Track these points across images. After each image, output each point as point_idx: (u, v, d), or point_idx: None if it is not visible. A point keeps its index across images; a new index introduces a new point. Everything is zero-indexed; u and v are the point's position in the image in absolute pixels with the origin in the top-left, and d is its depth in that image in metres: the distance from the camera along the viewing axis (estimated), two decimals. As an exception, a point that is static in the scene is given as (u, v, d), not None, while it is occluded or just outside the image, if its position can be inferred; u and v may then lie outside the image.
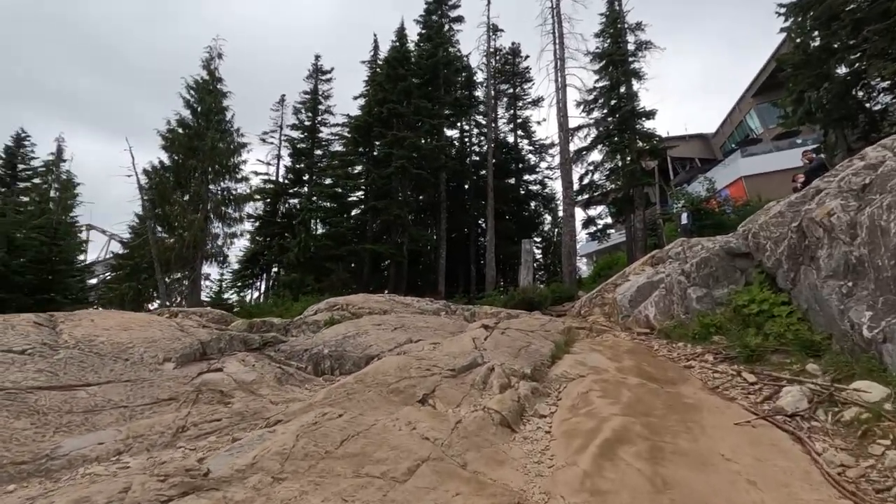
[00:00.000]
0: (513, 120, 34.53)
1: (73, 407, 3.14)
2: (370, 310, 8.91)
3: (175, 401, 3.59)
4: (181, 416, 3.25)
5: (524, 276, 17.59)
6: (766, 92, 39.19)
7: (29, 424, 2.81)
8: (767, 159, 32.73)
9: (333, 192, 22.44)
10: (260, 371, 4.78)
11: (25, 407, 2.97)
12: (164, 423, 3.10)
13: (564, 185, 21.97)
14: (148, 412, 3.32)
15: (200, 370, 4.45)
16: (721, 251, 9.16)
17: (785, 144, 34.07)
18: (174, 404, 3.53)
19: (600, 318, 14.03)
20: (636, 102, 22.66)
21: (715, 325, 8.85)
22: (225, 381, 4.23)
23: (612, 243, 35.71)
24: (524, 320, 9.09)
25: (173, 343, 4.69)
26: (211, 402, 3.70)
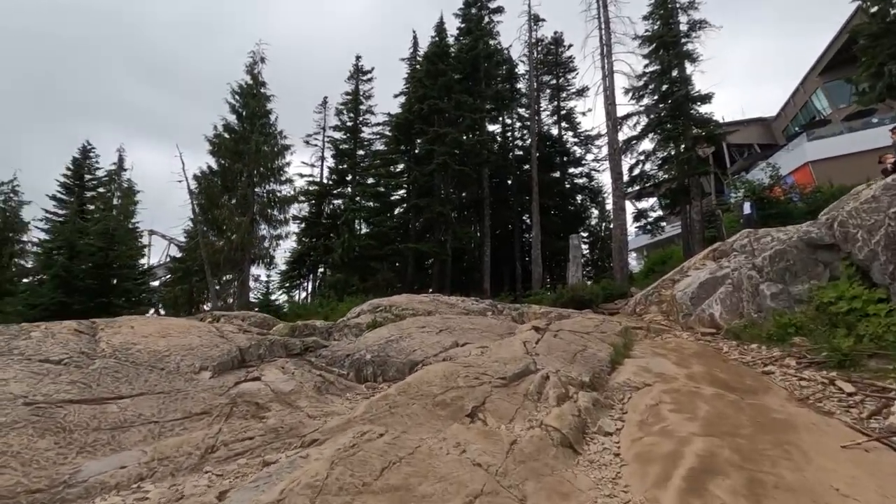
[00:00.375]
0: (556, 112, 33.42)
1: (102, 423, 2.97)
2: (414, 311, 8.60)
3: (208, 415, 3.38)
4: (212, 433, 3.02)
5: (573, 273, 16.83)
6: (834, 69, 36.24)
7: (53, 444, 2.65)
8: (838, 142, 30.23)
9: (376, 192, 22.43)
10: (299, 380, 4.53)
11: (52, 423, 2.82)
12: (193, 442, 2.87)
13: (613, 177, 20.89)
14: (178, 428, 3.11)
15: (238, 379, 4.25)
16: (799, 243, 8.21)
17: (858, 125, 31.36)
18: (206, 419, 3.31)
19: (658, 317, 13.13)
20: (690, 86, 21.20)
21: (794, 325, 7.93)
22: (262, 392, 4.00)
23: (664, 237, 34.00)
24: (577, 321, 8.51)
25: (211, 350, 4.54)
26: (245, 417, 3.46)
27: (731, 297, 10.06)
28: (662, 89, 22.41)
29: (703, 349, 8.14)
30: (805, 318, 7.74)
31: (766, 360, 7.12)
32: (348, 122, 26.08)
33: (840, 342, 6.67)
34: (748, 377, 6.17)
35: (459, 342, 6.58)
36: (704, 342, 9.05)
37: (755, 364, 7.04)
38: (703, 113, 20.95)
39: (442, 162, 18.82)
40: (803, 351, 7.05)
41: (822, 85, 37.37)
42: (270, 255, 22.48)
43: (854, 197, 7.64)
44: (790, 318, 7.94)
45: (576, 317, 9.57)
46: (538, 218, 21.83)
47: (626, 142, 22.81)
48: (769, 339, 8.01)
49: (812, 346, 7.26)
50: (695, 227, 19.97)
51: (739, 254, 12.87)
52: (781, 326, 7.95)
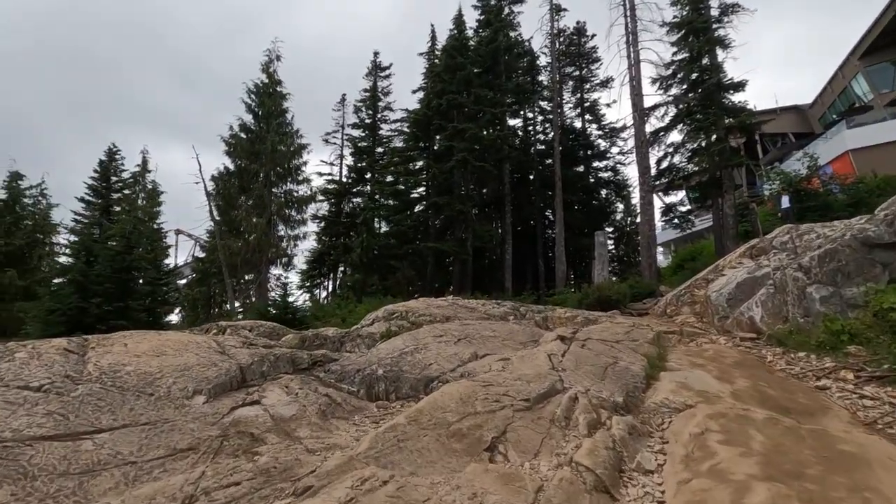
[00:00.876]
0: (580, 104, 32.44)
1: (71, 466, 2.64)
2: (431, 317, 8.19)
3: (194, 451, 3.03)
4: (194, 477, 2.66)
5: (598, 271, 16.15)
6: (877, 52, 34.36)
7: (9, 496, 2.32)
8: (881, 128, 28.64)
9: (394, 190, 22.07)
10: (303, 402, 4.17)
11: (15, 468, 2.50)
12: (170, 491, 2.51)
13: (641, 171, 20.01)
14: (158, 470, 2.77)
15: (235, 403, 3.90)
16: (853, 241, 7.46)
17: (905, 110, 29.62)
18: (191, 457, 2.97)
19: (690, 319, 12.40)
20: (721, 74, 20.11)
21: (848, 333, 7.22)
22: (259, 420, 3.64)
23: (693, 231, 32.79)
24: (605, 327, 7.95)
25: (208, 370, 4.21)
26: (235, 454, 3.10)
27: (773, 299, 9.33)
28: (692, 78, 21.35)
29: (745, 357, 7.50)
30: (861, 325, 7.02)
31: (818, 371, 6.46)
32: (367, 120, 25.79)
33: (907, 354, 5.98)
34: (801, 393, 5.55)
35: (479, 353, 6.14)
36: (745, 349, 8.38)
37: (806, 376, 6.39)
38: (736, 101, 19.87)
39: (461, 158, 18.29)
40: (861, 362, 6.36)
41: (863, 69, 35.52)
42: (289, 255, 22.40)
43: (919, 190, 6.87)
44: (843, 325, 7.23)
45: (603, 321, 8.99)
46: (562, 214, 21.11)
47: (653, 133, 21.87)
48: (819, 347, 7.32)
49: (871, 356, 6.56)
50: (728, 221, 18.98)
51: (780, 251, 12.02)
52: (833, 333, 7.24)
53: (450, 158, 19.14)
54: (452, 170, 19.47)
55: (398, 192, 21.38)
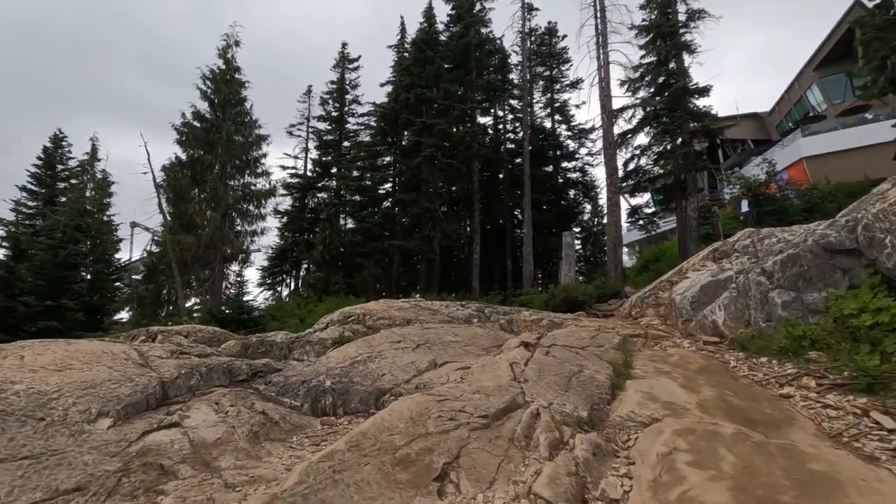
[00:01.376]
0: (550, 104, 32.59)
1: None
2: (391, 320, 7.76)
3: (82, 492, 2.52)
4: (69, 533, 2.17)
5: (565, 272, 16.07)
6: (830, 63, 35.84)
7: None
8: (833, 138, 29.84)
9: (360, 185, 21.31)
10: (233, 421, 3.68)
11: None
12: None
13: (608, 172, 20.11)
14: (25, 524, 2.27)
15: (149, 426, 3.38)
16: (815, 247, 7.47)
17: (853, 121, 31.05)
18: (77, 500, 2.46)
19: (654, 321, 12.40)
20: (687, 79, 20.42)
21: (809, 338, 7.22)
22: (174, 447, 3.15)
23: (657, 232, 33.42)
24: (571, 331, 7.72)
25: (120, 387, 3.66)
26: (134, 494, 2.60)
27: (735, 302, 9.34)
28: (659, 81, 21.61)
29: (709, 363, 7.41)
30: (822, 331, 7.01)
31: (780, 378, 6.39)
32: (333, 113, 24.97)
33: (865, 360, 5.96)
34: (766, 402, 5.42)
35: (438, 361, 5.76)
36: (708, 353, 8.32)
37: (769, 383, 6.31)
38: (701, 106, 20.22)
39: (429, 154, 17.86)
40: (822, 369, 6.32)
41: (818, 80, 36.95)
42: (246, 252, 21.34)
43: (880, 197, 6.90)
44: (804, 330, 7.21)
45: (569, 325, 8.78)
46: (530, 213, 21.02)
47: (621, 135, 22.04)
48: (781, 352, 7.29)
49: (832, 363, 6.55)
50: (691, 223, 19.30)
51: (742, 255, 12.16)
52: (795, 339, 7.22)
53: (417, 154, 18.68)
54: (420, 166, 19.01)
55: (364, 188, 20.72)
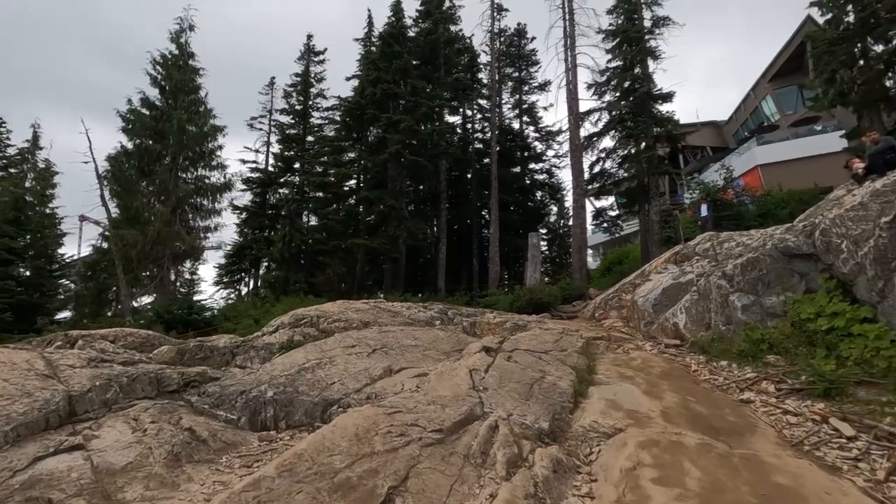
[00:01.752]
0: (518, 105, 32.63)
1: None
2: (347, 323, 7.35)
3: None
4: None
5: (531, 273, 15.99)
6: (784, 76, 37.42)
7: None
8: (785, 147, 31.12)
9: (322, 181, 20.64)
10: (150, 441, 3.23)
11: None
12: None
13: (574, 174, 20.23)
14: None
15: (44, 450, 2.89)
16: (774, 251, 7.53)
17: (804, 131, 32.45)
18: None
19: (618, 323, 12.45)
20: (652, 84, 20.80)
21: (768, 342, 7.27)
22: (71, 475, 2.69)
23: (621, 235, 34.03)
24: (535, 334, 7.51)
25: (14, 404, 3.14)
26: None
27: (696, 305, 9.39)
28: (625, 86, 21.92)
29: (671, 367, 7.36)
30: (779, 335, 7.06)
31: (741, 383, 6.37)
32: (297, 106, 24.07)
33: (821, 364, 5.99)
34: (727, 409, 5.34)
35: (394, 368, 5.41)
36: (670, 356, 8.30)
37: (730, 388, 6.27)
38: (664, 112, 20.59)
39: (395, 151, 17.39)
40: (780, 373, 6.34)
41: (772, 91, 38.44)
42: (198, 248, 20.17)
43: (836, 203, 7.00)
44: (763, 334, 7.25)
45: (533, 328, 8.58)
46: (497, 214, 20.88)
47: (587, 138, 22.23)
48: (740, 356, 7.31)
49: (789, 367, 6.58)
50: (653, 227, 19.62)
51: (702, 258, 12.34)
52: (753, 342, 7.26)
53: (383, 151, 18.19)
54: (386, 163, 18.52)
55: (327, 184, 19.98)
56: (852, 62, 20.70)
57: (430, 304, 10.45)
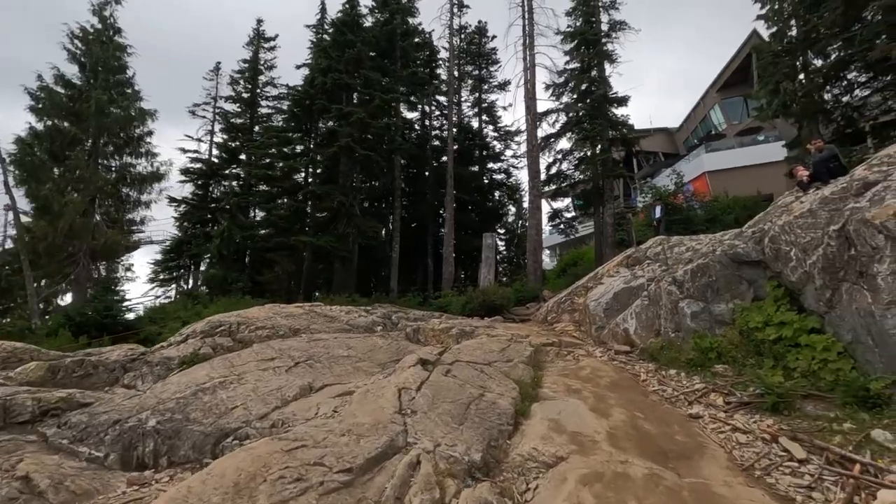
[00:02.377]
0: (477, 104, 32.35)
1: None
2: (273, 330, 6.59)
3: None
4: None
5: (484, 274, 15.60)
6: (731, 87, 38.92)
7: None
8: (731, 155, 32.32)
9: (267, 175, 19.13)
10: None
11: None
12: None
13: (531, 174, 20.02)
14: None
15: None
16: (724, 257, 7.38)
17: (748, 140, 33.80)
18: None
19: (569, 327, 12.23)
20: (608, 87, 20.91)
21: (716, 351, 7.10)
22: None
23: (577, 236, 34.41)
24: (480, 342, 7.02)
25: None
26: None
27: (646, 311, 9.21)
28: (582, 88, 21.95)
29: (620, 376, 7.05)
30: (728, 344, 6.88)
31: (689, 394, 6.12)
32: (244, 94, 22.68)
33: (769, 376, 5.81)
34: (677, 425, 5.02)
35: (316, 385, 4.76)
36: (620, 364, 8.04)
37: (678, 400, 6.00)
38: (620, 115, 20.75)
39: (346, 145, 16.48)
40: (729, 385, 6.13)
41: (720, 101, 39.92)
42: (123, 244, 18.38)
43: (785, 210, 6.88)
44: (711, 342, 7.07)
45: (480, 335, 8.10)
46: (452, 212, 20.38)
47: (544, 139, 22.13)
48: (689, 365, 7.11)
49: (737, 377, 6.40)
50: (607, 229, 19.71)
51: (654, 262, 12.30)
52: (702, 351, 7.06)
53: (333, 144, 17.24)
54: (337, 157, 17.57)
55: (272, 177, 18.73)
56: (794, 75, 21.59)
57: (375, 307, 9.77)
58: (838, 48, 19.21)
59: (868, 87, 19.88)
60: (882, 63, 16.66)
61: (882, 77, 18.67)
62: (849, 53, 17.45)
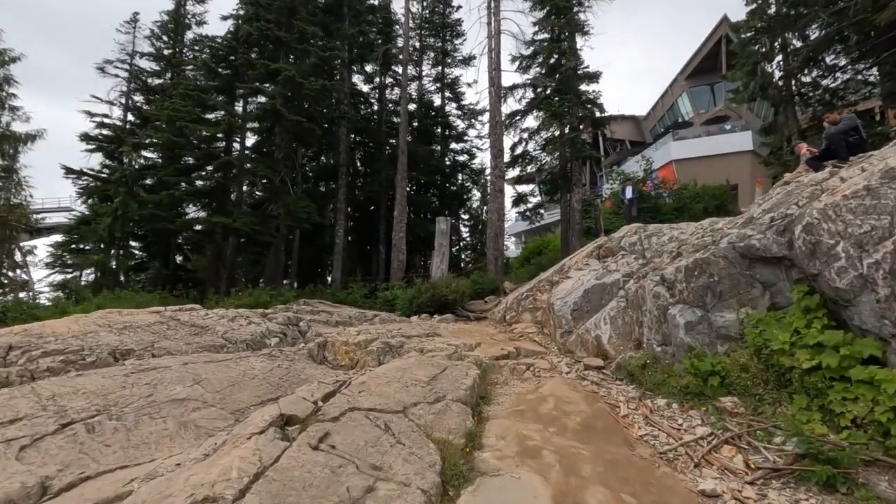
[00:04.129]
0: (440, 79, 29.97)
1: None
2: (78, 355, 4.33)
3: None
4: None
5: (437, 264, 13.58)
6: (700, 74, 38.28)
7: None
8: (698, 143, 31.60)
9: (174, 143, 15.57)
10: None
11: None
12: None
13: (493, 153, 17.97)
14: None
15: None
16: (731, 251, 5.57)
17: (715, 129, 33.24)
18: None
19: (531, 329, 10.35)
20: (579, 61, 19.03)
21: (719, 376, 5.33)
22: None
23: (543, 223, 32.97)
24: (405, 366, 4.96)
25: None
26: None
27: (624, 315, 7.41)
28: (551, 62, 20.01)
29: (594, 411, 5.18)
30: (736, 367, 5.09)
31: (692, 447, 4.30)
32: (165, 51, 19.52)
33: (802, 421, 4.07)
34: (687, 521, 3.17)
35: (58, 483, 2.57)
36: (592, 386, 6.20)
37: (679, 458, 4.17)
38: (591, 91, 18.96)
39: (271, 108, 13.82)
40: (745, 430, 4.36)
41: (688, 89, 39.25)
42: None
43: (816, 188, 5.10)
44: (713, 364, 5.26)
45: (412, 348, 6.06)
46: (404, 193, 18.08)
47: (509, 116, 20.15)
48: (684, 393, 5.31)
49: (754, 417, 4.64)
50: (575, 215, 18.01)
51: (629, 253, 10.55)
52: (701, 376, 5.26)
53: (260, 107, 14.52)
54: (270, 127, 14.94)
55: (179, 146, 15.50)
56: (772, 56, 20.36)
57: (276, 309, 7.44)
58: (819, 26, 17.98)
59: (849, 70, 18.81)
60: (871, 40, 15.45)
61: (866, 59, 17.57)
62: (833, 30, 16.12)
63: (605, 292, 8.63)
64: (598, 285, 8.80)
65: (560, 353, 8.31)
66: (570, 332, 8.55)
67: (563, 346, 8.41)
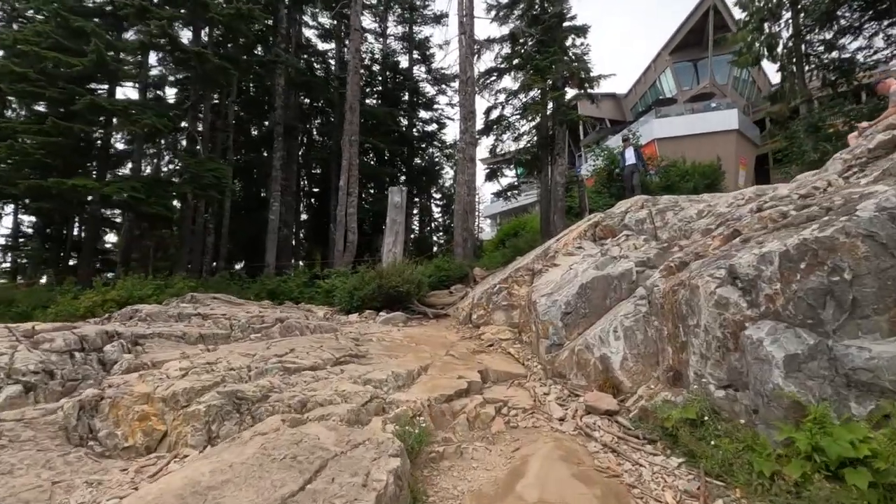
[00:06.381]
0: (408, 37, 26.64)
1: None
2: None
3: None
4: None
5: (388, 247, 10.75)
6: (684, 49, 36.73)
7: None
8: (681, 122, 29.96)
9: (18, 75, 10.90)
10: None
11: None
12: None
13: (463, 114, 15.00)
14: None
15: None
16: (877, 223, 2.97)
17: (700, 107, 31.86)
18: None
19: (504, 335, 7.64)
20: (565, 7, 16.14)
21: (871, 468, 2.83)
22: None
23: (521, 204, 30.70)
24: (234, 465, 2.15)
25: None
26: None
27: (646, 327, 4.82)
28: (534, 12, 17.08)
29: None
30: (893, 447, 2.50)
31: None
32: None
33: None
34: None
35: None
36: (606, 456, 3.58)
37: None
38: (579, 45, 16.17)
39: (160, 31, 9.97)
40: None
41: (672, 65, 37.86)
42: None
43: None
44: (851, 441, 2.66)
45: (272, 418, 3.24)
46: (355, 159, 14.84)
47: (484, 74, 17.23)
48: (795, 497, 2.76)
49: None
50: (557, 192, 15.38)
51: (635, 233, 7.93)
52: (827, 463, 2.68)
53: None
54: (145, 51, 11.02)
55: (26, 79, 10.89)
56: (779, 13, 17.97)
57: (58, 327, 4.33)
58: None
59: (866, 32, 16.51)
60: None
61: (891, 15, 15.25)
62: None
63: (610, 288, 6.01)
64: (600, 278, 6.16)
65: (546, 377, 5.69)
66: (559, 346, 5.92)
67: (549, 367, 5.78)
